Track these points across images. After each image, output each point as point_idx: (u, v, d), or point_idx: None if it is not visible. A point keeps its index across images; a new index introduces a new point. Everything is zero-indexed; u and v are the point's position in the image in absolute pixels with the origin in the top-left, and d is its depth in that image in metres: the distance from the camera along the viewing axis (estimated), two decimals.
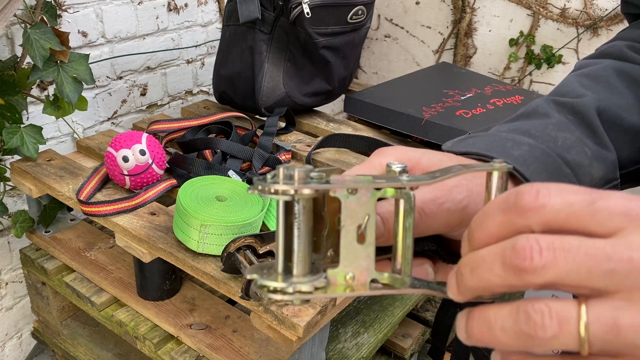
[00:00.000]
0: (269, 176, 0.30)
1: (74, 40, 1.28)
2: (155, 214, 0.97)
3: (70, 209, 1.22)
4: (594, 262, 0.24)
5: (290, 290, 0.29)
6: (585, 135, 0.47)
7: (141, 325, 1.01)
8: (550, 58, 1.73)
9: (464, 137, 0.47)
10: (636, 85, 0.52)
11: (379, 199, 0.32)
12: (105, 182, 1.05)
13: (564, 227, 0.26)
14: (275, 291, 0.30)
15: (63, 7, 1.25)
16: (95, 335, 1.18)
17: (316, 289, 0.30)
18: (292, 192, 0.29)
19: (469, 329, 0.28)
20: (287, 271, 0.31)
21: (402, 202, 0.32)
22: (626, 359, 0.24)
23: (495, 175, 0.33)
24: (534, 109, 0.50)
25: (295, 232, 0.31)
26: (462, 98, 1.36)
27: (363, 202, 0.31)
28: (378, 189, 0.31)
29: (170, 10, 1.50)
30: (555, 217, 0.25)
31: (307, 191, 0.30)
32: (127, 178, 0.99)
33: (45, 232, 1.16)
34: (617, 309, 0.24)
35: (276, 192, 0.30)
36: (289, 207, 0.31)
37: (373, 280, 0.31)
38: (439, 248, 0.37)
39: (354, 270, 0.31)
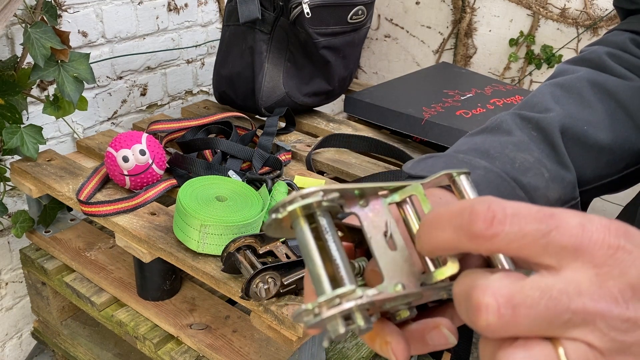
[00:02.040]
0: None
1: (74, 41, 1.28)
2: (155, 214, 0.97)
3: (70, 209, 1.22)
4: (553, 315, 0.24)
5: (359, 293, 0.26)
6: (545, 154, 0.48)
7: (141, 325, 1.01)
8: (550, 58, 1.73)
9: (424, 158, 0.47)
10: (609, 98, 0.52)
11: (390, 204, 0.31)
12: (105, 182, 1.05)
13: (514, 256, 0.26)
14: (340, 300, 0.26)
15: (63, 7, 1.25)
16: (95, 335, 1.18)
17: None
18: (320, 193, 0.28)
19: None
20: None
21: (408, 201, 0.31)
22: None
23: (463, 178, 0.32)
24: (498, 123, 0.50)
25: (332, 245, 0.29)
26: (462, 98, 1.36)
27: (378, 211, 0.31)
28: (385, 196, 0.31)
29: (170, 10, 1.50)
30: (506, 247, 0.25)
31: (332, 195, 0.29)
32: (127, 178, 0.99)
33: (45, 232, 1.16)
34: (587, 353, 0.24)
35: (302, 197, 0.28)
36: (311, 224, 0.29)
37: (423, 284, 0.29)
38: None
39: (400, 279, 0.29)
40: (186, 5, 1.54)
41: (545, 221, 0.25)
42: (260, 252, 0.83)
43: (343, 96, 1.41)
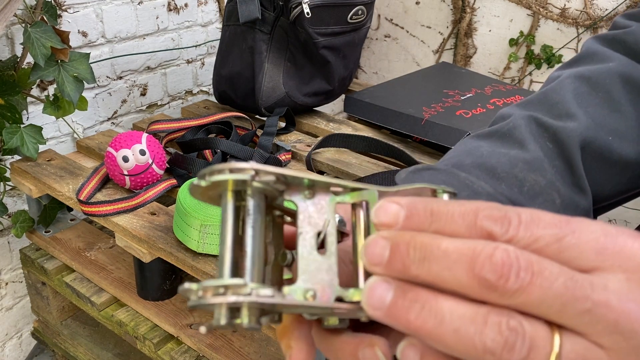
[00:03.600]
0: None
1: (74, 40, 1.28)
2: (155, 214, 0.97)
3: (70, 209, 1.22)
4: (571, 298, 0.21)
5: (247, 290, 0.23)
6: (560, 173, 0.42)
7: (141, 325, 1.01)
8: (550, 58, 1.73)
9: (420, 168, 0.42)
10: None
11: (338, 204, 0.28)
12: (105, 182, 1.05)
13: None
14: (225, 291, 0.23)
15: (63, 7, 1.25)
16: (95, 335, 1.18)
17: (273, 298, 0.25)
18: (251, 172, 0.25)
19: (399, 306, 0.23)
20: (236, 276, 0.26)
21: (363, 205, 0.28)
22: None
23: (446, 197, 0.28)
24: (510, 129, 0.44)
25: (249, 230, 0.26)
26: (462, 98, 1.36)
27: (322, 207, 0.28)
28: (336, 194, 0.28)
29: (170, 10, 1.50)
30: None
31: (267, 177, 0.26)
32: (127, 178, 0.99)
33: (45, 232, 1.16)
34: (588, 351, 0.22)
35: (231, 171, 0.25)
36: (239, 201, 0.26)
37: (338, 299, 0.26)
38: None
39: (314, 286, 0.26)
40: (186, 5, 1.54)
41: (560, 226, 0.23)
42: None
43: (343, 96, 1.41)
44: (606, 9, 1.62)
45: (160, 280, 1.01)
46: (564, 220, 0.23)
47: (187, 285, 0.24)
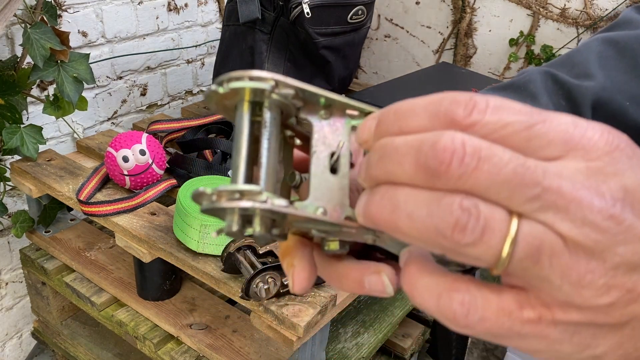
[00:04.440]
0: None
1: (74, 40, 1.28)
2: (155, 214, 0.97)
3: (70, 209, 1.21)
4: (519, 183, 0.20)
5: (263, 197, 0.23)
6: None
7: (141, 325, 1.01)
8: (550, 58, 1.73)
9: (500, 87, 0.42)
10: None
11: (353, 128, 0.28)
12: (105, 182, 1.05)
13: None
14: (240, 196, 0.23)
15: (63, 7, 1.25)
16: (95, 335, 1.18)
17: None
18: (271, 82, 0.25)
19: (368, 204, 0.23)
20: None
21: None
22: (529, 294, 0.22)
23: None
24: (526, 82, 0.44)
25: (265, 142, 0.26)
26: None
27: (337, 129, 0.27)
28: (353, 117, 0.28)
29: (170, 10, 1.50)
30: (485, 138, 0.22)
31: (286, 90, 0.26)
32: (127, 178, 0.99)
33: (45, 232, 1.16)
34: (546, 236, 0.21)
35: (251, 79, 0.25)
36: (254, 116, 0.26)
37: (347, 218, 0.26)
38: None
39: (325, 205, 0.26)
40: (186, 5, 1.54)
41: (530, 114, 0.22)
42: (260, 252, 0.83)
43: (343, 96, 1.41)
44: (606, 9, 1.62)
45: (160, 280, 1.01)
46: (534, 110, 0.22)
47: (201, 189, 0.24)
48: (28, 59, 1.11)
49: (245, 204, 0.23)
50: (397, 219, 0.22)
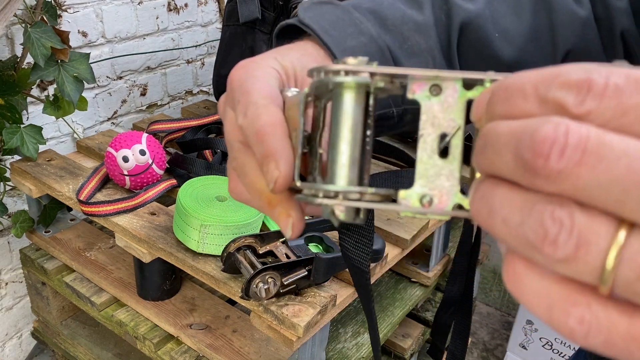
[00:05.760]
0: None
1: (74, 41, 1.28)
2: (155, 214, 0.97)
3: (70, 209, 1.21)
4: (635, 183, 0.17)
5: (371, 190, 0.24)
6: (440, 48, 0.44)
7: (141, 325, 1.01)
8: None
9: (324, 1, 0.43)
10: (545, 15, 0.45)
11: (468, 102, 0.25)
12: (105, 182, 1.05)
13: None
14: (347, 195, 0.24)
15: (63, 7, 1.25)
16: (95, 335, 1.18)
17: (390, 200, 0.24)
18: (367, 74, 0.24)
19: (471, 200, 0.21)
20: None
21: None
22: None
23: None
24: None
25: (370, 134, 0.26)
26: None
27: (449, 105, 0.25)
28: (467, 88, 0.25)
29: (170, 10, 1.50)
30: (602, 127, 0.18)
31: (381, 83, 0.25)
32: (127, 178, 0.99)
33: (45, 232, 1.16)
34: None
35: (346, 73, 0.24)
36: (356, 102, 0.26)
37: (458, 206, 0.24)
38: None
39: (432, 192, 0.24)
40: (186, 5, 1.54)
41: None
42: (260, 252, 0.83)
43: None
44: None
45: (160, 280, 1.01)
46: None
47: (307, 189, 0.26)
48: (28, 59, 1.11)
49: (356, 203, 0.25)
50: (494, 224, 0.20)
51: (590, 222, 0.18)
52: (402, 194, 0.24)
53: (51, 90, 1.27)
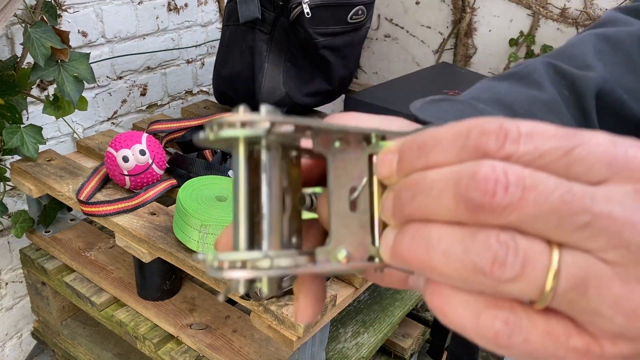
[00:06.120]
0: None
1: (74, 40, 1.28)
2: (155, 214, 0.97)
3: (70, 209, 1.21)
4: (568, 211, 0.19)
5: (265, 264, 0.22)
6: (574, 120, 0.42)
7: (141, 325, 1.01)
8: None
9: (437, 99, 0.41)
10: None
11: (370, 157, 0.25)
12: (105, 182, 1.05)
13: None
14: (242, 265, 0.22)
15: (63, 7, 1.25)
16: (95, 335, 1.18)
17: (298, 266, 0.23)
18: (266, 125, 0.22)
19: (398, 243, 0.22)
20: (252, 245, 0.24)
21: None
22: (577, 327, 0.20)
23: None
24: (528, 72, 0.44)
25: (265, 189, 0.23)
26: None
27: (353, 159, 0.25)
28: (369, 143, 0.24)
29: (170, 10, 1.50)
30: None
31: (286, 128, 0.23)
32: (127, 178, 0.99)
33: (45, 232, 1.16)
34: (591, 266, 0.20)
35: (243, 125, 0.22)
36: (252, 155, 0.24)
37: (370, 258, 0.24)
38: None
39: (347, 247, 0.24)
40: (186, 5, 1.54)
41: (566, 137, 0.20)
42: None
43: (343, 96, 1.41)
44: (606, 9, 1.62)
45: (160, 280, 1.01)
46: (569, 132, 0.21)
47: (201, 256, 0.23)
48: (28, 59, 1.11)
49: (249, 274, 0.22)
50: (432, 258, 0.21)
51: (531, 244, 0.20)
52: (319, 251, 0.24)
53: (51, 90, 1.27)
